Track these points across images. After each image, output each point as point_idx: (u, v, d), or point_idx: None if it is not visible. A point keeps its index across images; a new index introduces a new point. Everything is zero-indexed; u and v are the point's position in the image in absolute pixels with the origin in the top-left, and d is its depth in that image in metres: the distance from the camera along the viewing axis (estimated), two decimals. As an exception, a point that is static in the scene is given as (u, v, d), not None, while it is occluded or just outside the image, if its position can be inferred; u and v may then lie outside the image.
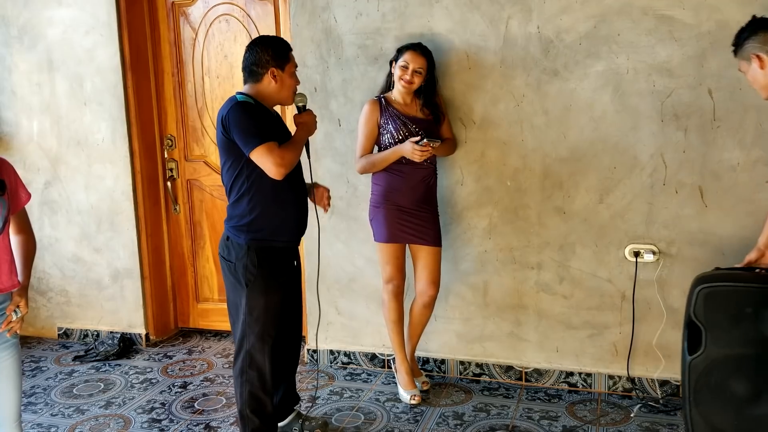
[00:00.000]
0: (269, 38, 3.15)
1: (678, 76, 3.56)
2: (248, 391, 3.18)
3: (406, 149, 3.58)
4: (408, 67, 3.61)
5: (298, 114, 3.22)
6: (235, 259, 3.06)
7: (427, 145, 3.54)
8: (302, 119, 3.19)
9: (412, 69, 3.61)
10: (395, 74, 3.66)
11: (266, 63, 3.04)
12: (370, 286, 4.21)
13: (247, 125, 2.95)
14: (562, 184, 3.81)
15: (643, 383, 3.84)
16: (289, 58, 3.11)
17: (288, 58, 3.10)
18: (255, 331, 3.11)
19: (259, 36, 3.18)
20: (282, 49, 3.09)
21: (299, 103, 3.22)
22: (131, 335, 4.76)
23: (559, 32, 3.68)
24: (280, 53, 3.07)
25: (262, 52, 3.05)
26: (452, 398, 3.90)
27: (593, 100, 3.69)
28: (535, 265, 3.92)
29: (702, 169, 3.60)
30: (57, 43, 4.57)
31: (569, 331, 3.92)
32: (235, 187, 3.07)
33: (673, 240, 3.69)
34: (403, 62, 3.62)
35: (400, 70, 3.62)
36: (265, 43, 3.08)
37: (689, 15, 3.50)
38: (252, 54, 3.07)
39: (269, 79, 3.06)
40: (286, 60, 3.09)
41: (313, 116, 3.23)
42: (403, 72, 3.62)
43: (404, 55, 3.62)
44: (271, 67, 3.05)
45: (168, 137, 4.73)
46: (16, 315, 2.47)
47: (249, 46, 3.10)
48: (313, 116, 3.23)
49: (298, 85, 3.18)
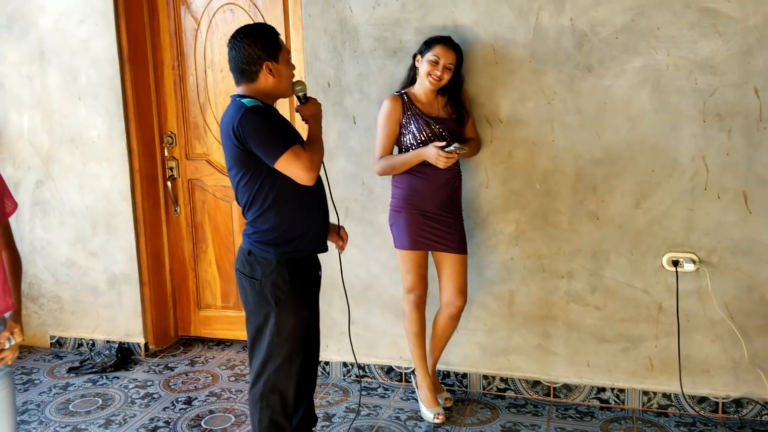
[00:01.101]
0: (253, 28, 2.79)
1: (722, 73, 3.31)
2: (268, 417, 2.90)
3: (430, 154, 3.31)
4: (438, 62, 3.34)
5: (302, 105, 2.89)
6: (261, 275, 2.77)
7: (453, 152, 3.27)
8: (310, 111, 2.88)
9: (442, 64, 3.34)
10: (422, 69, 3.39)
11: (258, 58, 2.71)
12: (386, 294, 3.95)
13: (266, 133, 2.66)
14: (595, 188, 3.56)
15: (680, 400, 3.61)
16: (280, 45, 2.77)
17: (279, 46, 2.76)
18: (282, 352, 2.83)
19: (240, 28, 2.79)
20: (271, 38, 2.74)
21: (300, 92, 2.88)
22: (129, 344, 4.48)
23: (594, 25, 3.42)
24: (270, 43, 2.73)
25: (250, 47, 2.70)
26: (477, 416, 3.65)
27: (630, 99, 3.43)
28: (565, 273, 3.67)
29: (746, 173, 3.36)
30: (49, 32, 4.26)
31: (601, 345, 3.68)
32: (258, 200, 2.76)
33: (714, 248, 3.46)
34: (434, 57, 3.34)
35: (429, 65, 3.35)
36: (251, 36, 2.72)
37: (735, 8, 3.25)
38: (239, 51, 2.73)
39: (266, 76, 2.73)
40: (278, 49, 2.75)
41: (319, 104, 2.92)
42: (433, 67, 3.35)
43: (434, 48, 3.35)
44: (264, 61, 2.71)
45: (168, 134, 4.44)
46: (10, 342, 2.20)
47: (233, 43, 2.75)
48: (318, 104, 2.91)
49: (293, 71, 2.85)
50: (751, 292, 3.45)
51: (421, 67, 3.41)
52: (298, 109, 2.90)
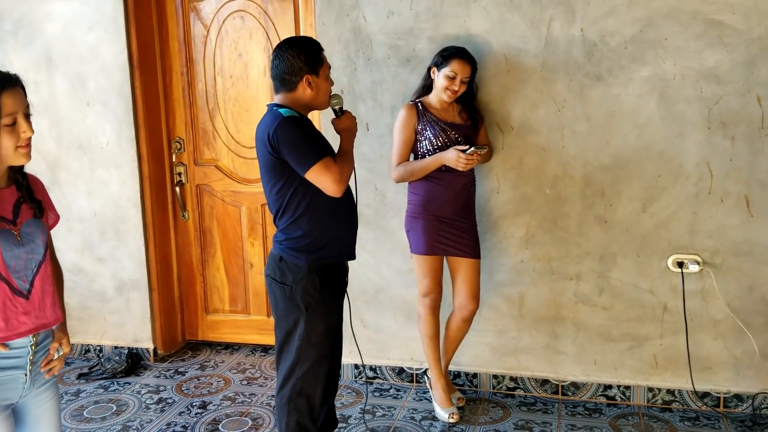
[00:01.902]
0: (299, 41, 2.88)
1: (726, 82, 3.46)
2: (295, 420, 2.97)
3: (449, 157, 3.40)
4: (456, 77, 3.43)
5: (337, 118, 2.97)
6: (292, 281, 2.83)
7: (474, 153, 3.37)
8: (344, 124, 2.95)
9: (459, 79, 3.43)
10: (438, 83, 3.47)
11: (299, 70, 2.78)
12: (397, 297, 4.03)
13: (299, 143, 2.72)
14: (603, 193, 3.68)
15: (683, 395, 3.76)
16: (323, 60, 2.86)
17: (321, 61, 2.85)
18: (311, 356, 2.90)
19: (286, 39, 2.90)
20: (315, 52, 2.83)
21: (335, 105, 2.96)
22: (138, 350, 4.49)
23: (604, 35, 3.55)
24: (313, 57, 2.81)
25: (294, 59, 2.78)
26: (490, 415, 3.76)
27: (638, 107, 3.57)
28: (574, 275, 3.79)
29: (749, 178, 3.51)
30: (57, 39, 4.26)
31: (608, 344, 3.81)
32: (290, 207, 2.82)
33: (717, 250, 3.60)
34: (451, 72, 3.43)
35: (447, 80, 3.44)
36: (296, 48, 2.80)
37: (739, 20, 3.40)
38: (282, 61, 2.80)
39: (304, 87, 2.81)
40: (320, 63, 2.83)
41: (353, 118, 2.99)
42: (451, 83, 3.44)
43: (451, 63, 3.43)
44: (305, 74, 2.79)
45: (176, 140, 4.47)
46: (58, 353, 2.24)
47: (277, 52, 2.82)
48: (353, 118, 2.99)
49: (332, 86, 2.95)
50: (752, 292, 3.60)
51: (437, 80, 3.49)
52: (333, 122, 2.97)
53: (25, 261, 2.07)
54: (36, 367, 2.16)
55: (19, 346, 2.07)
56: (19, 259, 2.06)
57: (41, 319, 2.13)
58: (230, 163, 4.44)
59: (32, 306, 2.10)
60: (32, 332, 2.10)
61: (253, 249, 4.48)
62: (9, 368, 2.05)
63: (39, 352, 2.15)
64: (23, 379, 2.09)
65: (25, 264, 2.07)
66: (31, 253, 2.10)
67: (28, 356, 2.10)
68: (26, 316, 2.08)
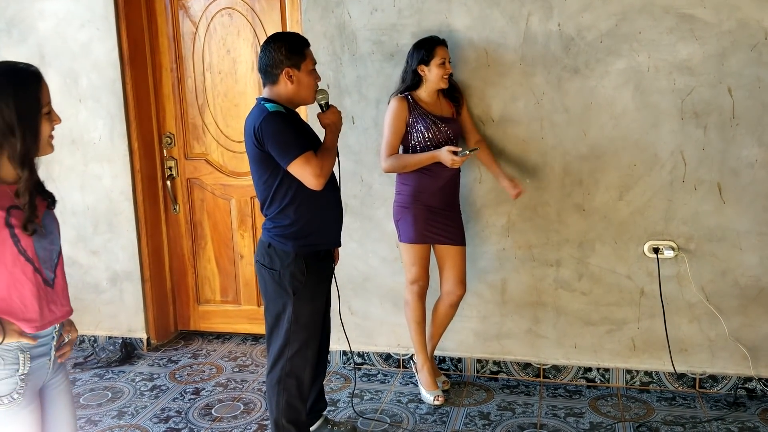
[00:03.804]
0: (283, 35, 3.02)
1: (698, 74, 3.59)
2: (285, 400, 3.10)
3: (443, 158, 3.50)
4: (445, 62, 3.57)
5: (322, 113, 3.08)
6: (280, 267, 2.96)
7: (467, 156, 3.49)
8: (328, 119, 3.05)
9: (447, 61, 3.59)
10: (433, 75, 3.57)
11: (280, 63, 2.90)
12: (384, 285, 4.16)
13: (282, 137, 2.84)
14: (581, 182, 3.81)
15: (660, 377, 3.89)
16: (305, 54, 2.96)
17: (303, 55, 2.95)
18: (300, 338, 3.02)
19: (273, 34, 3.04)
20: (296, 46, 2.94)
21: (321, 100, 3.06)
22: (132, 340, 4.61)
23: (581, 30, 3.67)
24: (294, 51, 2.92)
25: (275, 52, 2.90)
26: (474, 397, 3.89)
27: (614, 98, 3.70)
28: (554, 262, 3.92)
29: (721, 166, 3.65)
30: (49, 36, 4.36)
31: (587, 327, 3.95)
32: (278, 197, 2.95)
33: (691, 236, 3.74)
34: (440, 59, 3.55)
35: (440, 68, 3.56)
36: (278, 42, 2.93)
37: (710, 14, 3.53)
38: (265, 54, 2.93)
39: (285, 81, 2.92)
40: (301, 57, 2.94)
41: (338, 113, 3.09)
42: (444, 69, 3.57)
43: (438, 53, 3.56)
44: (285, 67, 2.91)
45: (167, 135, 4.57)
46: (68, 337, 2.34)
47: (263, 46, 2.96)
48: (338, 113, 3.09)
49: (318, 81, 3.05)
50: (725, 276, 3.74)
51: (430, 74, 3.59)
52: (318, 116, 3.08)
53: (49, 252, 2.15)
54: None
55: (46, 334, 2.15)
56: (45, 250, 2.13)
57: (64, 307, 2.21)
58: (220, 157, 4.54)
59: (56, 295, 2.17)
60: (59, 321, 2.18)
61: (243, 240, 4.60)
62: (39, 356, 2.14)
63: (57, 338, 2.25)
64: (48, 365, 2.18)
65: (49, 255, 2.14)
66: (51, 243, 2.16)
67: (53, 343, 2.19)
68: (54, 306, 2.16)
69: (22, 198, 2.05)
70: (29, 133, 2.02)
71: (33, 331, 2.09)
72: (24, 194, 2.05)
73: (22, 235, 2.04)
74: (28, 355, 2.09)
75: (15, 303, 2.06)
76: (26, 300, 2.08)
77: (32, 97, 2.03)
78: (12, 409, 2.06)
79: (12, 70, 2.03)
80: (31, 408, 2.12)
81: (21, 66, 2.05)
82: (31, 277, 2.08)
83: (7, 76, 2.01)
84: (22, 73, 2.04)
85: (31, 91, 2.03)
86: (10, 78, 2.01)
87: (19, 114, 1.99)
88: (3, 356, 2.05)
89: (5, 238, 2.02)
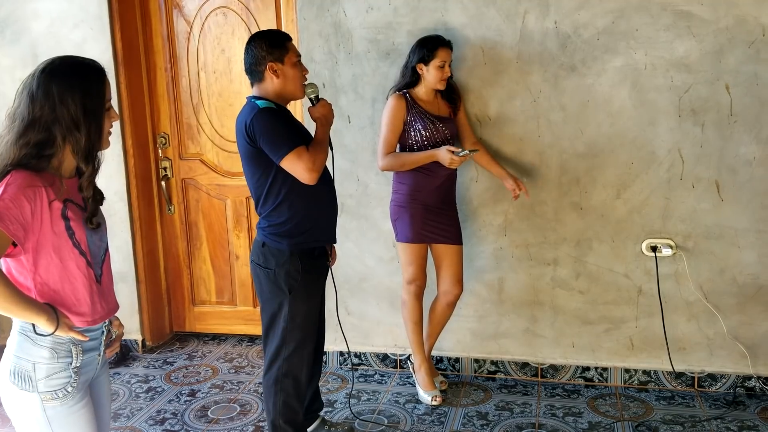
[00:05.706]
0: (263, 32, 3.00)
1: (696, 71, 3.57)
2: (282, 400, 3.07)
3: (442, 157, 3.48)
4: (444, 66, 3.54)
5: (312, 107, 3.05)
6: (275, 266, 2.93)
7: (466, 156, 3.47)
8: (318, 112, 3.03)
9: (447, 65, 3.55)
10: (430, 76, 3.55)
11: (263, 59, 2.90)
12: (381, 285, 4.13)
13: (274, 133, 2.82)
14: (579, 180, 3.79)
15: (659, 376, 3.88)
16: (287, 47, 2.94)
17: (285, 48, 2.93)
18: (296, 337, 3.00)
19: (253, 33, 3.04)
20: (278, 41, 2.93)
21: (311, 94, 3.04)
22: (127, 342, 4.57)
23: (577, 27, 3.65)
24: (275, 45, 2.91)
25: (257, 49, 2.91)
26: (472, 397, 3.86)
27: (611, 96, 3.68)
28: (551, 261, 3.90)
29: (719, 164, 3.64)
30: (42, 36, 4.33)
31: (585, 326, 3.93)
32: (271, 195, 2.93)
33: (689, 234, 3.72)
34: (440, 62, 3.52)
35: (439, 71, 3.53)
36: (259, 39, 2.94)
37: (707, 11, 3.51)
38: (248, 53, 2.94)
39: (270, 76, 2.91)
40: (283, 50, 2.92)
41: (329, 106, 3.07)
42: (443, 72, 3.54)
43: (439, 54, 3.52)
44: (268, 62, 2.90)
45: (161, 135, 4.54)
46: (115, 333, 2.33)
47: (245, 47, 2.96)
48: (328, 106, 3.06)
49: (306, 75, 3.03)
50: (723, 274, 3.72)
51: (427, 74, 3.56)
52: (309, 110, 3.06)
53: (98, 247, 2.14)
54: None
55: (96, 329, 2.15)
56: (95, 245, 2.12)
57: (111, 303, 2.21)
58: (215, 157, 4.52)
59: (104, 290, 2.17)
60: (108, 316, 2.18)
61: (239, 241, 4.57)
62: (90, 350, 2.14)
63: (106, 334, 2.24)
64: (97, 360, 2.19)
65: (98, 250, 2.14)
66: (101, 239, 2.16)
67: (102, 338, 2.18)
68: (103, 301, 2.16)
69: (86, 192, 2.09)
70: (94, 128, 2.04)
71: (84, 326, 2.10)
72: (88, 188, 2.09)
73: (77, 227, 2.05)
74: (80, 348, 2.10)
75: (68, 296, 2.07)
76: (79, 294, 2.08)
77: (98, 93, 2.05)
78: (67, 404, 2.07)
79: (79, 65, 2.06)
80: (84, 403, 2.13)
81: (87, 62, 2.08)
82: (84, 271, 2.08)
83: (74, 72, 2.02)
84: (88, 69, 2.06)
85: (96, 87, 2.05)
86: (77, 74, 2.02)
87: (85, 110, 2.01)
88: (56, 349, 2.05)
89: (61, 230, 2.02)
